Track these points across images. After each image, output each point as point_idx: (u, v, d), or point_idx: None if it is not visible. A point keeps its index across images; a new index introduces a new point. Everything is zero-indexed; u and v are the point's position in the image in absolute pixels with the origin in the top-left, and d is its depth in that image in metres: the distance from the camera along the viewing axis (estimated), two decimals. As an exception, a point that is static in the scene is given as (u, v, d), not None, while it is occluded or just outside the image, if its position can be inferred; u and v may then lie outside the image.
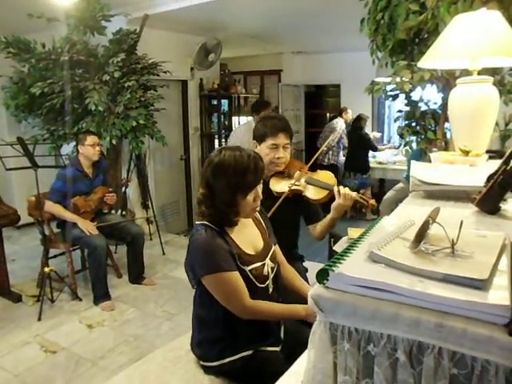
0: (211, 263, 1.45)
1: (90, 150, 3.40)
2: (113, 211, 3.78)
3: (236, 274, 1.47)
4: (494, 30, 1.55)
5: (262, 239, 1.66)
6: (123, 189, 4.37)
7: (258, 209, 1.60)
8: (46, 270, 3.21)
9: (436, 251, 0.66)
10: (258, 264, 1.56)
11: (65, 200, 3.32)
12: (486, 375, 0.52)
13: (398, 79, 2.36)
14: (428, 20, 2.11)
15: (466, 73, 2.06)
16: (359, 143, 5.77)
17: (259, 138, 2.10)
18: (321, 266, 2.19)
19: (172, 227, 5.39)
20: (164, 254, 4.49)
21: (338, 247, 2.72)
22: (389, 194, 5.05)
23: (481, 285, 0.57)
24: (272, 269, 1.62)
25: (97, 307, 3.30)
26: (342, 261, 0.67)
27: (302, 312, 1.56)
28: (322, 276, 0.64)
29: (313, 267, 2.28)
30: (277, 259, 1.69)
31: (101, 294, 3.32)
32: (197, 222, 1.56)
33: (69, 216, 3.32)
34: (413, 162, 1.38)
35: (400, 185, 4.99)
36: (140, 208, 4.81)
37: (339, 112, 6.42)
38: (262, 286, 1.57)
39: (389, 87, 2.62)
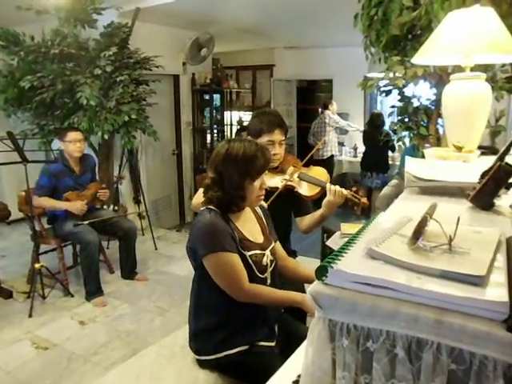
0: (214, 243, 1.50)
1: (69, 146, 3.34)
2: (105, 206, 3.76)
3: (237, 257, 1.52)
4: (487, 27, 1.55)
5: (262, 234, 1.70)
6: (119, 186, 4.36)
7: (262, 197, 1.66)
8: (37, 266, 3.18)
9: (433, 248, 0.67)
10: (258, 251, 1.61)
11: (51, 195, 3.29)
12: (484, 370, 0.53)
13: (391, 75, 2.36)
14: (421, 16, 2.11)
15: (459, 69, 2.07)
16: (378, 142, 5.22)
17: (255, 133, 2.10)
18: (313, 260, 2.22)
19: (164, 222, 5.38)
20: (156, 249, 4.48)
21: (331, 242, 2.73)
22: (384, 191, 5.06)
23: (478, 281, 0.58)
24: (271, 262, 1.66)
25: (89, 303, 3.29)
26: (340, 257, 0.67)
27: (298, 298, 1.60)
28: (321, 273, 0.64)
29: (305, 262, 2.30)
30: (276, 256, 1.72)
31: (93, 290, 3.31)
32: (201, 208, 1.61)
33: (58, 205, 3.29)
34: (407, 158, 1.38)
35: (395, 181, 5.00)
36: (132, 203, 4.78)
37: (324, 105, 6.39)
38: (261, 276, 1.61)
39: (382, 83, 2.63)
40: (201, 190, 2.12)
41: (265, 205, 1.93)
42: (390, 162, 5.77)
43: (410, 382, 0.57)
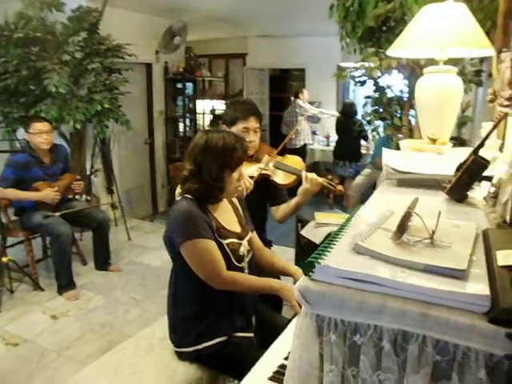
0: (191, 230, 1.49)
1: (34, 138, 3.20)
2: (77, 197, 3.65)
3: (214, 243, 1.53)
4: (460, 22, 1.59)
5: (238, 224, 1.71)
6: (92, 177, 4.26)
7: (240, 189, 1.69)
8: (4, 259, 3.08)
9: (417, 242, 0.69)
10: (235, 240, 1.62)
11: (18, 187, 3.16)
12: (466, 361, 0.55)
13: (366, 65, 2.40)
14: (396, 8, 2.14)
15: (431, 62, 2.12)
16: (351, 131, 5.33)
17: (230, 121, 2.09)
18: (288, 250, 2.24)
19: (137, 212, 5.31)
20: (130, 239, 4.42)
21: (306, 232, 2.77)
22: (357, 180, 5.14)
23: (460, 274, 0.60)
24: (248, 252, 1.68)
25: (61, 297, 3.21)
26: (326, 253, 0.67)
27: (276, 285, 1.62)
28: (308, 268, 0.65)
29: (280, 251, 2.32)
30: (253, 246, 1.73)
31: (65, 283, 3.23)
32: (177, 198, 1.61)
33: (25, 195, 3.17)
34: (384, 150, 1.41)
35: (367, 170, 5.07)
36: (105, 193, 4.69)
37: (295, 94, 6.37)
38: (238, 265, 1.62)
39: (357, 73, 2.66)
40: None
41: (250, 183, 1.93)
42: (363, 152, 5.84)
43: (395, 373, 0.59)
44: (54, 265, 3.25)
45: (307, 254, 2.15)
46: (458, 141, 2.87)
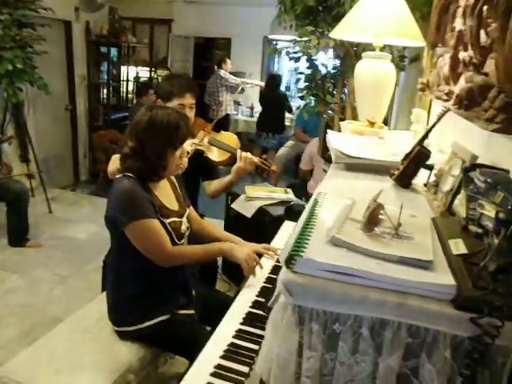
0: (137, 210, 1.48)
1: None
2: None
3: (158, 222, 1.53)
4: (397, 13, 1.67)
5: (177, 202, 1.71)
6: (5, 145, 3.84)
7: (181, 166, 1.67)
8: None
9: (385, 233, 0.74)
10: (176, 219, 1.62)
11: None
12: (436, 342, 0.62)
13: (303, 42, 2.44)
14: (335, -9, 2.18)
15: (365, 45, 2.22)
16: (276, 103, 5.48)
17: (165, 96, 2.04)
18: (216, 222, 2.27)
19: (56, 181, 4.96)
20: (51, 211, 4.11)
21: (236, 205, 2.80)
22: (280, 151, 5.25)
23: (428, 265, 0.66)
24: (187, 228, 1.70)
25: (-32, 278, 2.93)
26: (305, 245, 0.70)
27: (224, 246, 1.65)
28: (289, 260, 0.67)
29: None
30: (192, 221, 1.76)
31: (-25, 264, 2.94)
32: (117, 176, 1.56)
33: None
34: (330, 133, 1.46)
35: (291, 142, 5.19)
36: (18, 162, 4.27)
37: (218, 63, 6.17)
38: (179, 243, 1.63)
39: (293, 49, 2.70)
40: (115, 157, 1.99)
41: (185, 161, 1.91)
42: (287, 123, 5.94)
43: (370, 355, 0.64)
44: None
45: (237, 226, 2.21)
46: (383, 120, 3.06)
